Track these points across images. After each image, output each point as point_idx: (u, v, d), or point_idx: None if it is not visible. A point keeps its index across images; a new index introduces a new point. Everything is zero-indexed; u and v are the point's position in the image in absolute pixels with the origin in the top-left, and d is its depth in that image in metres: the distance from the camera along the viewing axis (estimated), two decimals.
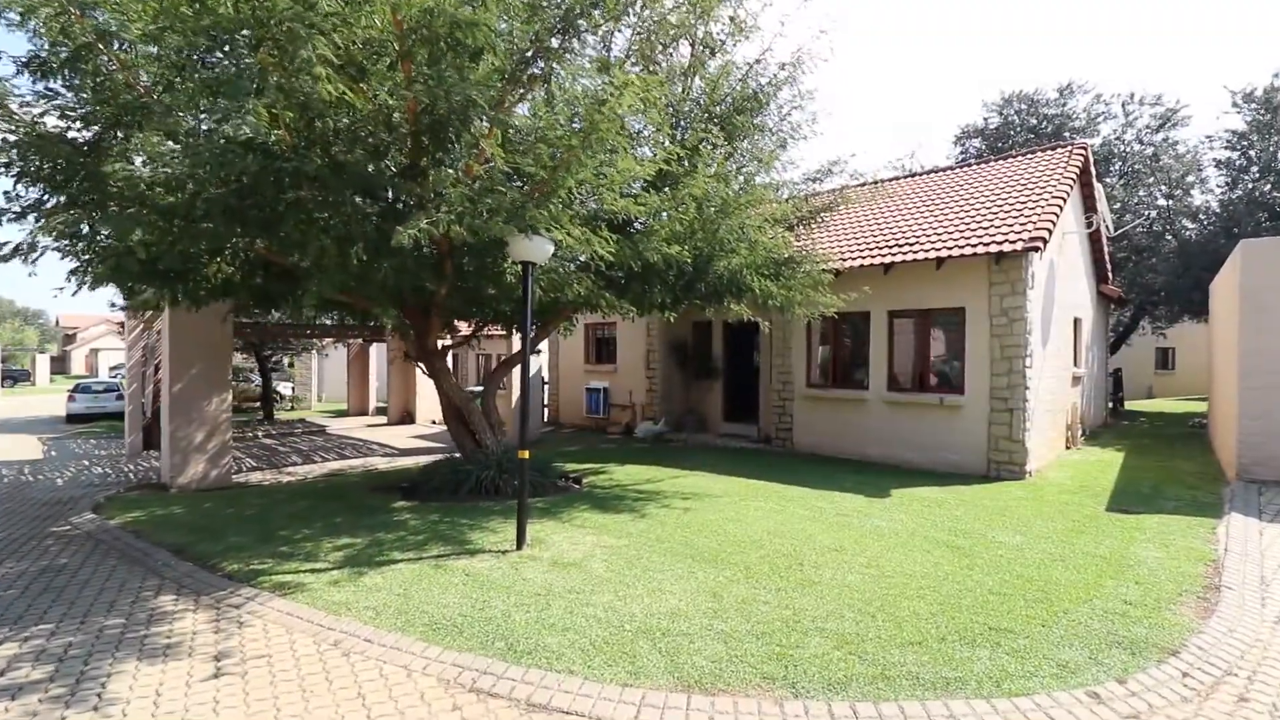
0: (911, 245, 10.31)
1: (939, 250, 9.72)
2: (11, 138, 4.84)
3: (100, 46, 4.48)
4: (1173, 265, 18.59)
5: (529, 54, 4.34)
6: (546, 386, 17.97)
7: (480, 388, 17.86)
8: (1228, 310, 9.70)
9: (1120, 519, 6.74)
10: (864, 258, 10.59)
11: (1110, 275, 15.20)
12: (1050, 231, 9.33)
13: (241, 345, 21.89)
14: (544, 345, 18.43)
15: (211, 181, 4.20)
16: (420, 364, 8.86)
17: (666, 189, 7.00)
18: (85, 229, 5.10)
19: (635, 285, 7.76)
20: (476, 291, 6.76)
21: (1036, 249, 8.89)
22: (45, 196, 5.28)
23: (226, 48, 4.31)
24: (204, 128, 4.23)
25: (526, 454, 5.73)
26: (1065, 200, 10.28)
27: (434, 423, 17.78)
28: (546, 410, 17.83)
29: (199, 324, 9.10)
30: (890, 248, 10.56)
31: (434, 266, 5.98)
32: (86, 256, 5.78)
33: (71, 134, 5.18)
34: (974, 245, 9.40)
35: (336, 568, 5.32)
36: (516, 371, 13.79)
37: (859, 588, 4.76)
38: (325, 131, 4.49)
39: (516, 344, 13.09)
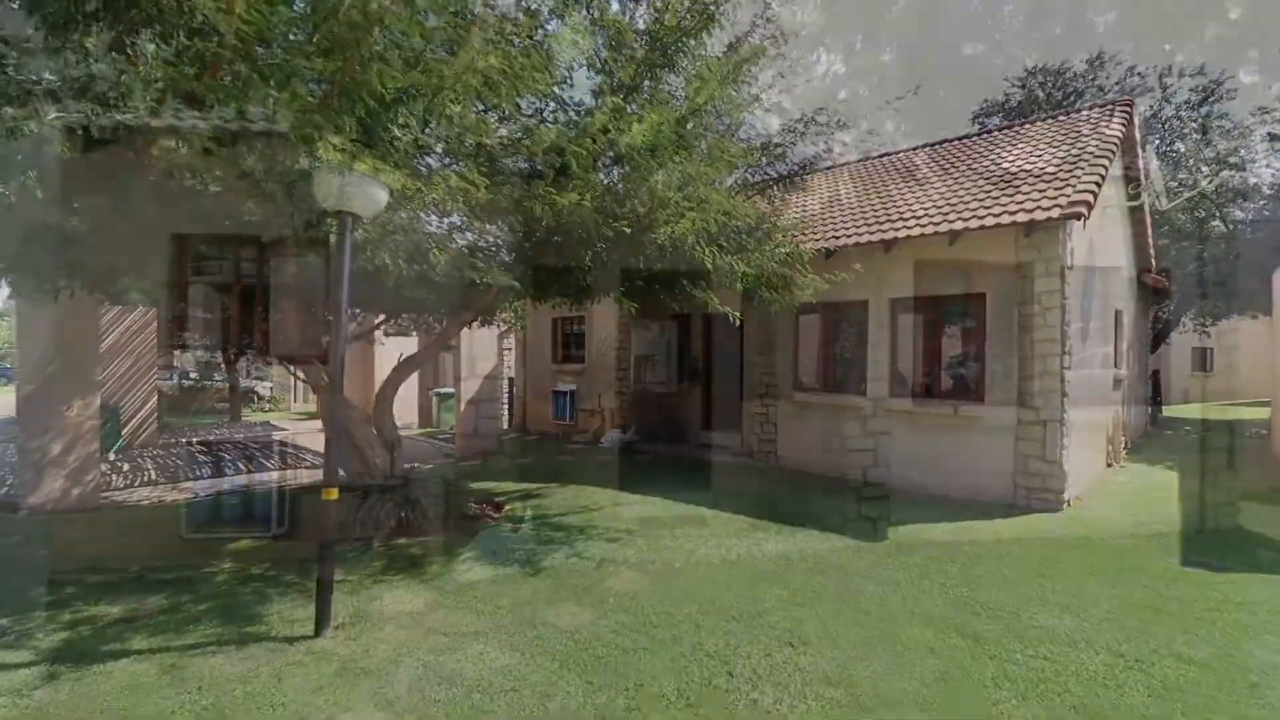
0: (919, 217, 8.34)
1: (953, 222, 7.75)
2: None
3: None
4: (1222, 251, 16.41)
5: None
6: (513, 388, 16.24)
7: (450, 389, 16.35)
8: None
9: (1208, 581, 4.78)
10: (859, 233, 8.64)
11: (1154, 262, 13.08)
12: (1095, 196, 7.33)
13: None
14: (510, 341, 16.69)
15: None
16: (286, 362, 7.08)
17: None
18: None
19: (549, 259, 5.94)
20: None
21: (1079, 216, 6.91)
22: None
23: None
24: None
25: (335, 494, 3.89)
26: (1110, 162, 8.28)
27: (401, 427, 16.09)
28: (512, 415, 16.08)
29: (54, 313, 7.37)
30: (893, 221, 8.61)
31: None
32: None
33: None
34: (998, 215, 7.43)
35: (30, 664, 3.52)
36: (478, 369, 12.15)
37: None
38: None
39: (415, 343, 11.15)
